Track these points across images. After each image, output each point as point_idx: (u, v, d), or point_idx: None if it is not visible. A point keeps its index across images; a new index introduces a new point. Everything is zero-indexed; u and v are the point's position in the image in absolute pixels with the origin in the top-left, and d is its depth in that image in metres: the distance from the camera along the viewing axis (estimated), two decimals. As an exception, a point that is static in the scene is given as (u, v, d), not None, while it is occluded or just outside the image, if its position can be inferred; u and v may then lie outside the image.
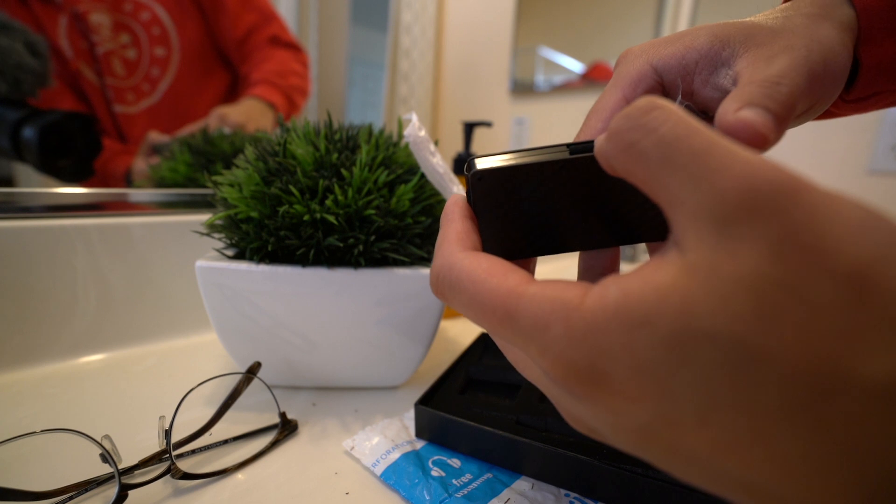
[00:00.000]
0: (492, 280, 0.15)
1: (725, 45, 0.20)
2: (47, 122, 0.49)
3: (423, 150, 0.30)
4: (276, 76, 0.73)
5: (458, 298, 0.16)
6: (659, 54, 0.21)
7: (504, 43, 1.66)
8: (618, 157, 0.14)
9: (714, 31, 0.20)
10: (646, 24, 1.44)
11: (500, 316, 0.15)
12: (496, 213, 0.18)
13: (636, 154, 0.13)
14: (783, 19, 0.20)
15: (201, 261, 0.31)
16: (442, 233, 0.18)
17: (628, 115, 0.13)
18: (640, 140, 0.13)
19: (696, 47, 0.20)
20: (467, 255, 0.17)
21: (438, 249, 0.18)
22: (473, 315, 0.16)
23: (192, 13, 0.69)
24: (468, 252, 0.17)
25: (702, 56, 0.20)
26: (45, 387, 0.36)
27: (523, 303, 0.14)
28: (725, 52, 0.20)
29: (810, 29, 0.20)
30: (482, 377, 0.35)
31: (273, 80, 0.73)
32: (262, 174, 0.31)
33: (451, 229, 0.18)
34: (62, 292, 0.41)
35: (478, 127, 0.54)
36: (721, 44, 0.20)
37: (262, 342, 0.33)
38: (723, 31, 0.20)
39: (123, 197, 0.55)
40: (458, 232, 0.18)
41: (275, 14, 0.78)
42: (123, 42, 0.64)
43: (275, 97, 0.71)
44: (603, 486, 0.25)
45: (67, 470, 0.25)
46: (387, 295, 0.32)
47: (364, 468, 0.28)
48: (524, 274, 0.15)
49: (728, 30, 0.20)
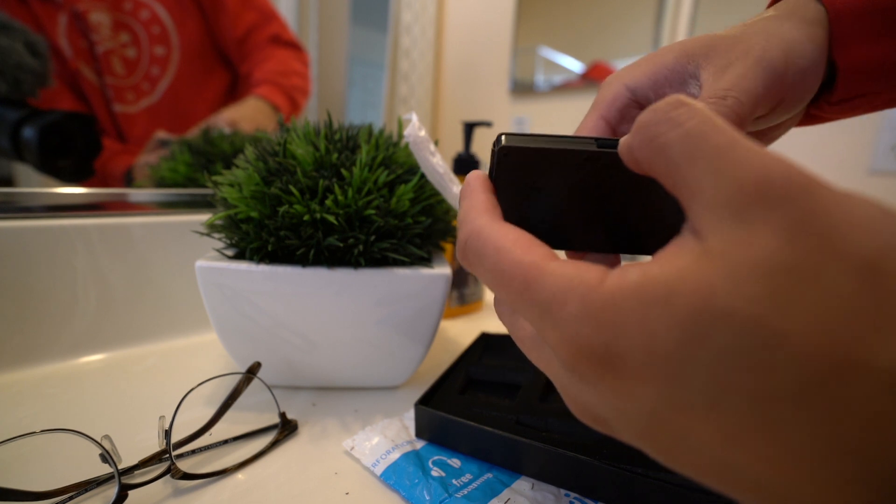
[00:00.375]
0: (516, 250, 0.15)
1: (690, 59, 0.21)
2: (47, 122, 0.49)
3: (423, 150, 0.30)
4: (278, 76, 0.73)
5: (482, 265, 0.17)
6: (631, 75, 0.23)
7: (504, 43, 1.66)
8: (642, 147, 0.14)
9: (682, 46, 0.22)
10: (646, 24, 1.44)
11: (519, 286, 0.15)
12: (513, 191, 0.19)
13: (661, 145, 0.13)
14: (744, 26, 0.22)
15: (201, 261, 0.31)
16: (468, 202, 0.18)
17: (656, 109, 0.14)
18: (666, 133, 0.13)
19: (664, 64, 0.22)
20: (496, 224, 0.17)
21: (466, 216, 0.18)
22: (494, 282, 0.16)
23: (192, 12, 0.69)
24: (497, 221, 0.17)
25: (670, 71, 0.22)
26: (45, 387, 0.36)
27: (543, 276, 0.14)
28: (691, 66, 0.21)
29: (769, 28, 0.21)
30: (482, 377, 0.35)
31: (276, 79, 0.73)
32: (262, 174, 0.31)
33: (477, 199, 0.18)
34: (62, 292, 0.41)
35: (478, 127, 0.54)
36: (686, 58, 0.21)
37: (262, 342, 0.33)
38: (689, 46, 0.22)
39: (123, 197, 0.55)
40: (485, 202, 0.18)
41: (275, 13, 0.78)
42: (123, 41, 0.64)
43: (277, 98, 0.71)
44: (603, 486, 0.25)
45: (67, 470, 0.25)
46: (387, 295, 0.32)
47: (364, 468, 0.28)
48: (549, 250, 0.16)
49: (693, 44, 0.21)
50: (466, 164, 0.54)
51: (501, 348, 0.40)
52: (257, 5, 0.74)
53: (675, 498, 0.23)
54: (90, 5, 0.61)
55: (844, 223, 0.11)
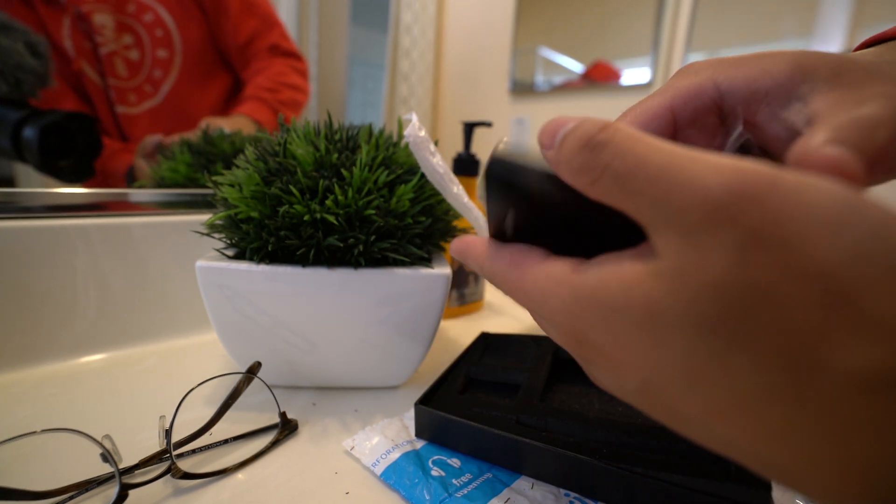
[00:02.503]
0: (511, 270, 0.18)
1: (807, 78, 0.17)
2: (48, 122, 0.49)
3: (423, 150, 0.30)
4: (266, 92, 0.73)
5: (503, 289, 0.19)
6: (727, 73, 0.18)
7: (504, 43, 1.66)
8: (587, 191, 0.14)
9: (797, 59, 0.17)
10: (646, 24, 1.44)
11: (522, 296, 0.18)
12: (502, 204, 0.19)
13: (600, 189, 0.13)
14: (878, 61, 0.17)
15: (201, 261, 0.31)
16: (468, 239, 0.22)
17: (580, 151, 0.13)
18: (599, 178, 0.13)
19: (772, 74, 0.18)
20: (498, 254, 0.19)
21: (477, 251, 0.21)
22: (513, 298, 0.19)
23: (195, 15, 0.69)
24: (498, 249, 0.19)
25: (777, 85, 0.17)
26: (45, 387, 0.36)
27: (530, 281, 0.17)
28: (805, 87, 0.17)
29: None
30: (482, 377, 0.35)
31: (262, 96, 0.73)
32: (262, 174, 0.31)
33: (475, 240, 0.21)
34: (62, 292, 0.41)
35: (478, 127, 0.54)
36: (802, 75, 0.17)
37: (262, 342, 0.33)
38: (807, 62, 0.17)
39: (124, 197, 0.55)
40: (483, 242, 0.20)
41: (277, 20, 0.78)
42: (126, 43, 0.64)
43: (262, 114, 0.71)
44: (603, 486, 0.25)
45: (67, 470, 0.25)
46: (387, 295, 0.32)
47: (364, 468, 0.28)
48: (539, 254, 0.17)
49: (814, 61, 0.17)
50: (466, 164, 0.54)
51: (501, 348, 0.40)
52: (260, 13, 0.74)
53: (675, 498, 0.23)
54: (94, 7, 0.61)
55: (799, 235, 0.10)
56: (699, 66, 0.20)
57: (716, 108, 0.19)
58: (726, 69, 0.19)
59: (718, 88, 0.19)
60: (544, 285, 0.16)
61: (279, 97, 0.75)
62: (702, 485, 0.22)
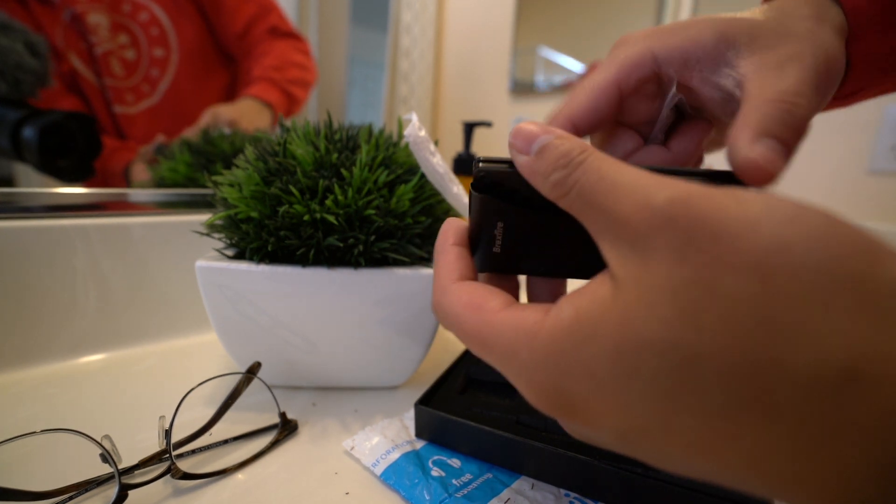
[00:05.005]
0: (468, 313, 0.16)
1: (730, 46, 0.19)
2: (47, 122, 0.49)
3: (423, 150, 0.30)
4: (273, 71, 0.73)
5: (452, 330, 0.18)
6: (663, 43, 0.20)
7: (504, 43, 1.66)
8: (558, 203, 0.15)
9: (719, 27, 0.19)
10: (646, 24, 1.44)
11: (480, 346, 0.16)
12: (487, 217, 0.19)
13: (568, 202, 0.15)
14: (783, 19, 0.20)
15: (201, 261, 0.31)
16: (434, 266, 0.19)
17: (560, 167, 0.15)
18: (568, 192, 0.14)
19: (700, 42, 0.20)
20: (451, 289, 0.18)
21: (433, 283, 0.19)
22: (465, 344, 0.17)
23: (191, 13, 0.69)
24: (453, 285, 0.18)
25: (706, 53, 0.19)
26: (45, 387, 0.36)
27: (495, 334, 0.15)
28: (730, 53, 0.19)
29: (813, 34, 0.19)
30: (482, 377, 0.35)
31: (270, 75, 0.72)
32: (262, 174, 0.31)
33: (441, 262, 0.19)
34: (62, 292, 0.41)
35: (478, 127, 0.54)
36: (726, 43, 0.19)
37: (262, 342, 0.33)
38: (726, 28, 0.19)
39: (123, 197, 0.55)
40: (447, 264, 0.19)
41: (274, 5, 0.77)
42: (122, 42, 0.64)
43: (271, 95, 0.71)
44: (603, 486, 0.25)
45: (67, 470, 0.25)
46: (387, 295, 0.32)
47: (364, 468, 0.28)
48: (501, 300, 0.16)
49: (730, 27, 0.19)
50: (466, 164, 0.54)
51: (501, 348, 0.40)
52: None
53: (675, 498, 0.23)
54: (88, 7, 0.61)
55: (727, 230, 0.11)
56: (635, 37, 0.21)
57: (654, 77, 0.21)
58: (661, 40, 0.20)
59: (656, 58, 0.20)
60: (513, 338, 0.15)
61: (287, 76, 0.74)
62: (701, 485, 0.22)
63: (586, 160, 0.14)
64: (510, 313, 0.15)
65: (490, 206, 0.18)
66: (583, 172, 0.14)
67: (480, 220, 0.19)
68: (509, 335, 0.15)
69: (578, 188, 0.14)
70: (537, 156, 0.15)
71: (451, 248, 0.19)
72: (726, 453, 0.12)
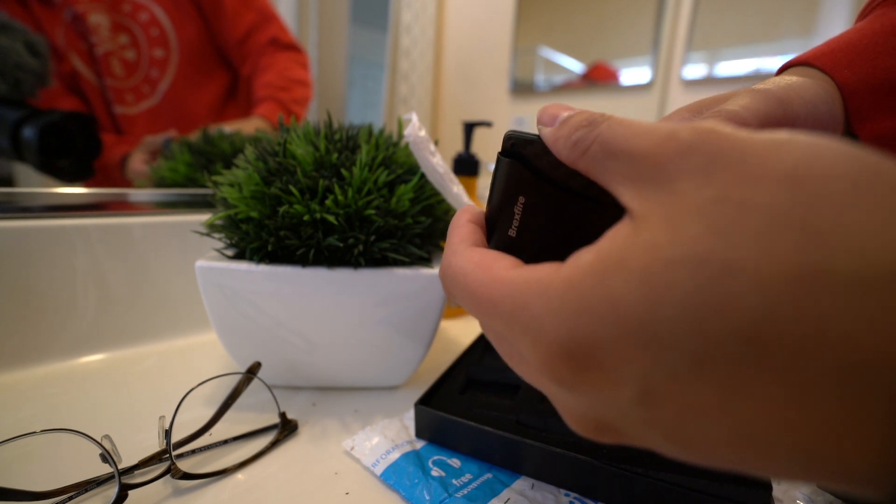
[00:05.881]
0: (478, 271, 0.16)
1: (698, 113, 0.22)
2: (47, 122, 0.49)
3: (423, 150, 0.30)
4: (279, 91, 0.74)
5: (457, 293, 0.17)
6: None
7: (504, 43, 1.66)
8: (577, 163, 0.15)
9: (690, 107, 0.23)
10: (646, 24, 1.44)
11: (486, 305, 0.15)
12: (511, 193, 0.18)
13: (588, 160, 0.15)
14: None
15: (201, 261, 0.31)
16: (448, 237, 0.19)
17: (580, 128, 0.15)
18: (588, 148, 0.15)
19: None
20: (462, 250, 0.17)
21: (444, 250, 0.18)
22: (468, 307, 0.16)
23: (191, 14, 0.69)
24: (465, 247, 0.17)
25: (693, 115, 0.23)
26: (45, 387, 0.36)
27: (504, 288, 0.14)
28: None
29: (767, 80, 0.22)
30: (482, 377, 0.35)
31: (276, 95, 0.74)
32: (262, 174, 0.31)
33: (454, 233, 0.19)
34: (62, 292, 0.41)
35: (478, 127, 0.54)
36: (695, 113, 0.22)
37: (262, 342, 0.33)
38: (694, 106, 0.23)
39: (123, 197, 0.55)
40: (461, 233, 0.18)
41: (274, 14, 0.78)
42: (122, 43, 0.64)
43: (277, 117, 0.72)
44: (603, 486, 0.25)
45: (67, 470, 0.25)
46: (387, 295, 0.32)
47: (364, 468, 0.28)
48: (512, 261, 0.16)
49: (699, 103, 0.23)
50: (466, 164, 0.54)
51: (501, 348, 0.40)
52: (256, 6, 0.74)
53: (675, 498, 0.23)
54: (89, 7, 0.61)
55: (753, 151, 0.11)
56: None
57: None
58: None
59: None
60: (524, 289, 0.14)
61: (293, 95, 0.76)
62: (702, 485, 0.22)
63: (609, 119, 0.15)
64: (522, 270, 0.15)
65: (515, 174, 0.18)
66: (606, 126, 0.14)
67: (503, 191, 0.18)
68: (521, 288, 0.14)
69: (600, 140, 0.14)
70: (561, 124, 0.16)
71: (466, 224, 0.19)
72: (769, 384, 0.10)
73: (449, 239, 0.19)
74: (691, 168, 0.12)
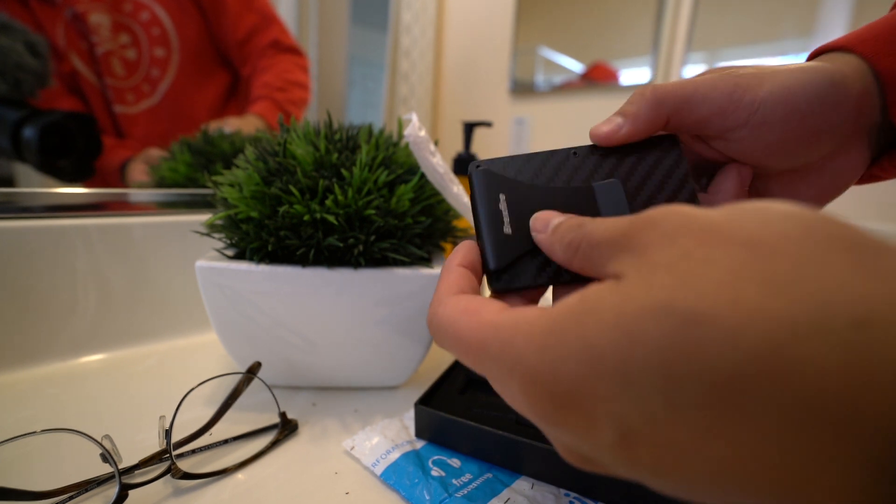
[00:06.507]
0: (465, 317, 0.16)
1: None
2: (47, 122, 0.49)
3: (423, 150, 0.30)
4: (276, 91, 0.74)
5: (446, 341, 0.17)
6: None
7: (504, 43, 1.66)
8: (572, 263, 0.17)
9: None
10: (646, 24, 1.44)
11: (476, 348, 0.16)
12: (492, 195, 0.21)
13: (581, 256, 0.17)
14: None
15: (201, 261, 0.31)
16: (436, 286, 0.20)
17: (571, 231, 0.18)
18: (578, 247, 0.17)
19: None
20: (448, 300, 0.18)
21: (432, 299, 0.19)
22: (459, 354, 0.17)
23: (192, 14, 0.69)
24: (451, 296, 0.18)
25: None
26: (45, 387, 0.36)
27: (492, 331, 0.15)
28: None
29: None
30: (482, 377, 0.35)
31: (274, 95, 0.73)
32: (262, 174, 0.31)
33: (442, 279, 0.20)
34: (62, 292, 0.41)
35: (478, 127, 0.54)
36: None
37: (262, 342, 0.33)
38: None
39: (124, 197, 0.55)
40: (447, 282, 0.19)
41: (275, 17, 0.78)
42: (123, 42, 0.64)
43: (274, 116, 0.72)
44: (603, 486, 0.25)
45: (67, 470, 0.25)
46: (387, 295, 0.32)
47: (364, 468, 0.28)
48: (499, 305, 0.16)
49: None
50: (466, 164, 0.54)
51: (501, 348, 0.40)
52: (257, 8, 0.74)
53: (675, 498, 0.23)
54: (89, 6, 0.61)
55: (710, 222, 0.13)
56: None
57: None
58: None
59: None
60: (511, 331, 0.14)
61: (290, 96, 0.75)
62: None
63: (592, 221, 0.17)
64: (509, 313, 0.15)
65: (487, 178, 0.20)
66: (592, 225, 0.16)
67: (484, 197, 0.20)
68: (509, 330, 0.15)
69: (587, 237, 0.16)
70: (553, 230, 0.18)
71: (456, 268, 0.20)
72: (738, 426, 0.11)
73: (436, 288, 0.19)
74: (659, 236, 0.13)
